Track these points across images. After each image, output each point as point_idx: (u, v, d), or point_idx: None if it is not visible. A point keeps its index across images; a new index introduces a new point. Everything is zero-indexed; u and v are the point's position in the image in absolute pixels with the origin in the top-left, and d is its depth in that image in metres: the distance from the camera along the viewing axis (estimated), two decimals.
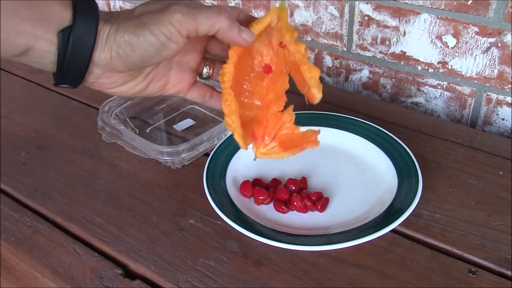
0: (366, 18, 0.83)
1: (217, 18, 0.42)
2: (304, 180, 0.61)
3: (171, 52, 0.42)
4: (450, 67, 0.79)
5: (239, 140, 0.47)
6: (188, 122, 0.76)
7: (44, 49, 0.39)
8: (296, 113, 0.75)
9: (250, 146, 0.49)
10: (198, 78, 0.50)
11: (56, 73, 0.41)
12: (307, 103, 0.49)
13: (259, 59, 0.49)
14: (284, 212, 0.58)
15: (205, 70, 0.49)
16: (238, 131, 0.46)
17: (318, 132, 0.50)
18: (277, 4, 0.49)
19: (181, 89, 0.48)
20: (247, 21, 0.46)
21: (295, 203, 0.58)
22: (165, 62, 0.46)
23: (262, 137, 0.50)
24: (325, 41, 0.89)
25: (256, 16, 0.48)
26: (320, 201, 0.58)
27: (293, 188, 0.60)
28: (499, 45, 0.72)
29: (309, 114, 0.73)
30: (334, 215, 0.58)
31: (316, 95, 0.47)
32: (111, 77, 0.43)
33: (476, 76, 0.77)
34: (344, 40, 0.87)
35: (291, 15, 0.91)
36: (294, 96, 0.50)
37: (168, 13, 0.40)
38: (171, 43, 0.41)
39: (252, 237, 0.52)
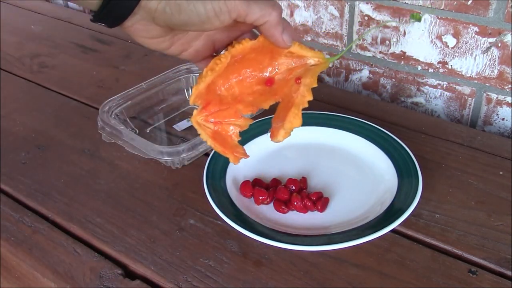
0: (366, 18, 0.83)
1: (269, 11, 0.43)
2: (304, 180, 0.61)
3: (213, 27, 0.43)
4: (450, 67, 0.79)
5: (194, 92, 0.47)
6: (188, 122, 0.76)
7: None
8: None
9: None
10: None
11: (101, 7, 0.42)
12: (268, 134, 0.50)
13: (271, 69, 0.49)
14: (284, 212, 0.58)
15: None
16: (200, 87, 0.46)
17: (245, 155, 0.50)
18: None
19: (195, 57, 0.49)
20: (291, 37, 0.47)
21: (295, 203, 0.58)
22: (199, 32, 0.47)
23: (210, 111, 0.49)
24: (325, 41, 0.89)
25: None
26: (320, 201, 0.58)
27: (293, 188, 0.60)
28: (499, 45, 0.72)
29: (309, 114, 0.73)
30: (334, 215, 0.58)
31: (279, 137, 0.49)
32: (146, 25, 0.43)
33: (476, 76, 0.77)
34: (344, 40, 0.87)
35: (291, 15, 0.91)
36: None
37: None
38: (217, 20, 0.42)
39: (252, 237, 0.52)
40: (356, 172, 0.64)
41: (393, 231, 0.55)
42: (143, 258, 0.54)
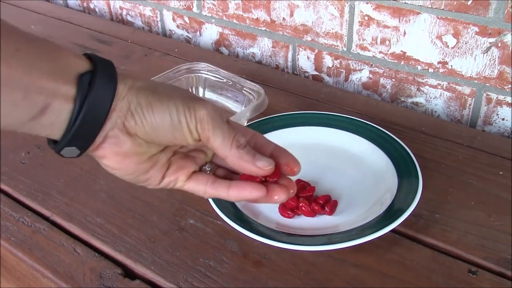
0: (366, 18, 0.83)
1: (230, 144, 0.40)
2: (311, 188, 0.60)
3: (183, 137, 0.40)
4: (450, 67, 0.78)
5: None
6: None
7: (61, 105, 0.36)
8: (296, 113, 0.75)
9: None
10: None
11: (65, 132, 0.37)
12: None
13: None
14: (290, 217, 0.58)
15: (207, 170, 0.45)
16: None
17: None
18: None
19: (178, 176, 0.43)
20: (263, 145, 0.44)
21: (303, 208, 0.57)
22: (170, 150, 0.43)
23: None
24: (325, 41, 0.89)
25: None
26: (328, 204, 0.58)
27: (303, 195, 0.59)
28: (499, 45, 0.72)
29: (309, 114, 0.73)
30: (334, 215, 0.58)
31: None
32: (118, 137, 0.39)
33: (476, 76, 0.77)
34: (344, 40, 0.87)
35: (291, 15, 0.91)
36: (295, 96, 0.50)
37: (198, 103, 0.39)
38: (187, 130, 0.39)
39: (252, 237, 0.52)
40: (356, 172, 0.64)
41: (393, 231, 0.55)
42: (143, 258, 0.54)
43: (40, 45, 0.36)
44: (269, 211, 0.59)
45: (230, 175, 0.45)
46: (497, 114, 0.78)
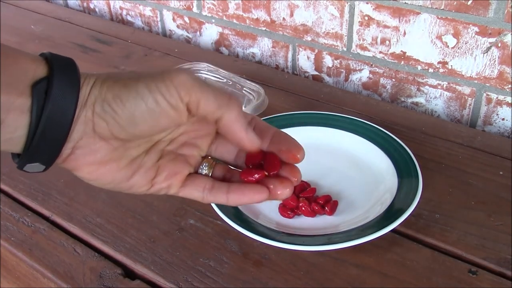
0: (366, 18, 0.83)
1: (226, 102, 0.35)
2: (312, 190, 0.60)
3: (168, 119, 0.35)
4: (450, 67, 0.78)
5: None
6: None
7: (16, 119, 0.32)
8: (296, 113, 0.75)
9: None
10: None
11: (25, 148, 0.33)
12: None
13: None
14: (290, 217, 0.58)
15: (204, 171, 0.40)
16: None
17: None
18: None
19: (171, 183, 0.39)
20: (264, 128, 0.39)
21: (303, 208, 0.57)
22: (156, 151, 0.38)
23: None
24: (325, 41, 0.89)
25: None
26: (328, 204, 0.58)
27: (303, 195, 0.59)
28: (499, 45, 0.72)
29: (309, 114, 0.73)
30: (334, 215, 0.58)
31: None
32: (90, 146, 0.34)
33: (476, 76, 0.77)
34: (344, 40, 0.87)
35: (291, 15, 0.91)
36: (295, 96, 0.50)
37: (171, 73, 0.34)
38: (169, 107, 0.34)
39: (252, 237, 0.52)
40: (356, 172, 0.64)
41: (393, 231, 0.55)
42: (143, 258, 0.54)
43: None
44: (269, 211, 0.59)
45: (230, 172, 0.41)
46: (497, 114, 0.78)
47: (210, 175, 0.40)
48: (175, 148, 0.39)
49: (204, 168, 0.40)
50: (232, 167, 0.41)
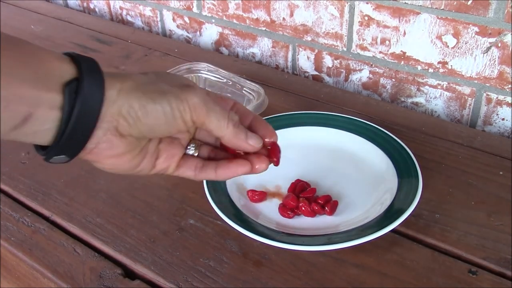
0: (366, 18, 0.83)
1: (225, 123, 0.41)
2: (312, 190, 0.60)
3: (177, 129, 0.41)
4: (450, 67, 0.78)
5: None
6: None
7: (45, 113, 0.35)
8: (296, 113, 0.75)
9: None
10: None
11: (55, 141, 0.36)
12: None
13: None
14: (290, 217, 0.58)
15: (191, 151, 0.46)
16: None
17: None
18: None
19: (170, 164, 0.44)
20: (243, 115, 0.46)
21: (303, 208, 0.57)
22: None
23: None
24: (325, 41, 0.89)
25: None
26: (328, 204, 0.58)
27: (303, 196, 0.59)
28: (499, 45, 0.72)
29: (309, 114, 0.73)
30: (334, 215, 0.58)
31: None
32: (111, 142, 0.38)
33: (476, 76, 0.77)
34: (344, 40, 0.87)
35: (291, 15, 0.91)
36: (295, 96, 0.50)
37: (189, 93, 0.40)
38: (181, 122, 0.40)
39: (252, 237, 0.52)
40: (356, 172, 0.64)
41: (393, 231, 0.55)
42: (143, 258, 0.54)
43: (19, 49, 0.35)
44: (269, 211, 0.59)
45: (214, 151, 0.47)
46: (497, 114, 0.78)
47: (196, 154, 0.46)
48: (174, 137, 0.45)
49: (191, 148, 0.46)
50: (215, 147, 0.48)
